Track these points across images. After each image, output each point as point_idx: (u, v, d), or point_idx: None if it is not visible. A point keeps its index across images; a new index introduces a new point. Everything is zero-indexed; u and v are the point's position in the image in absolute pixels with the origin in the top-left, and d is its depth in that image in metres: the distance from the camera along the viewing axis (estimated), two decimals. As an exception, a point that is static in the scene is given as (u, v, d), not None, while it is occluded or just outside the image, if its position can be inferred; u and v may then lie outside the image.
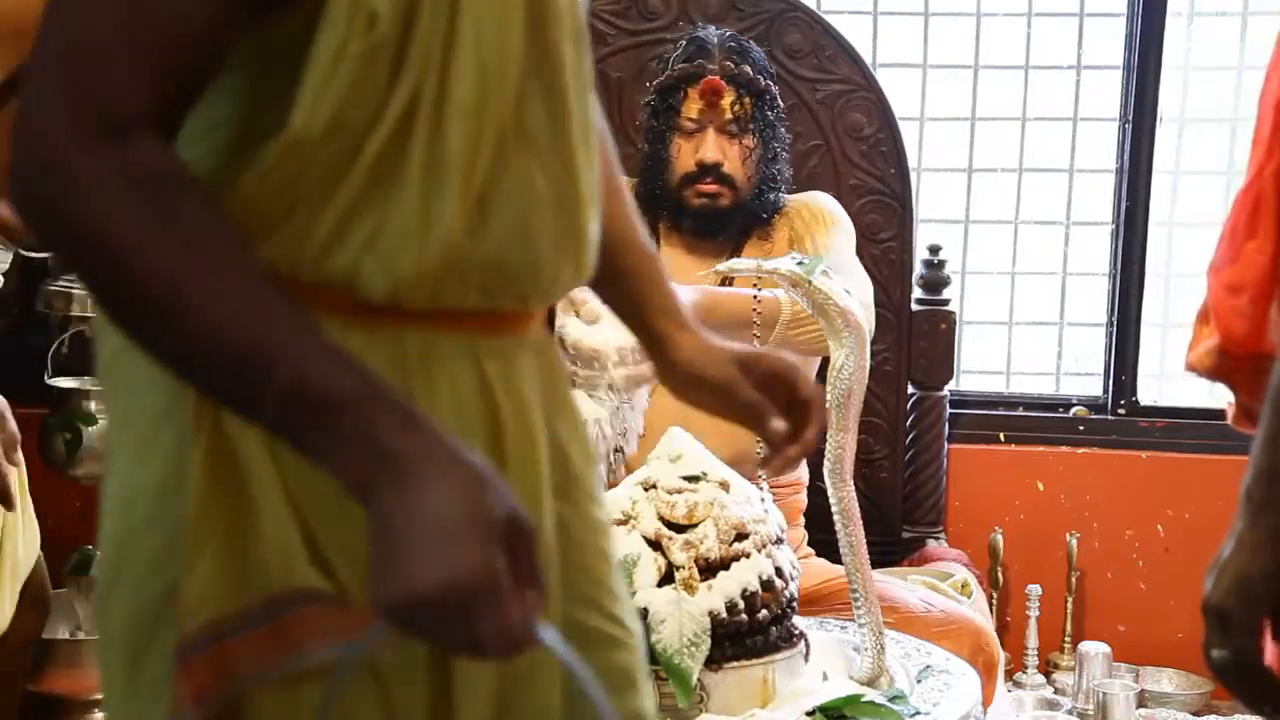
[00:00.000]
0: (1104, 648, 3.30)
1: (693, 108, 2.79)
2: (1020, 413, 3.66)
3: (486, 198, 1.08)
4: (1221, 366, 1.57)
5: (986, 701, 2.38)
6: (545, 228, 1.12)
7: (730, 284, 2.64)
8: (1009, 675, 3.33)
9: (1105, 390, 3.67)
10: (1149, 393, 3.70)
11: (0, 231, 2.35)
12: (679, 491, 2.08)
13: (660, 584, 2.01)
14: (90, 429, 3.16)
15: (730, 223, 2.83)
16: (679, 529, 2.05)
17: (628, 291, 1.39)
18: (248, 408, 0.96)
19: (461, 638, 0.91)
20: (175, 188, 0.94)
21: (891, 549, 3.34)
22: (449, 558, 0.90)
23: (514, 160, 1.09)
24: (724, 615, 2.01)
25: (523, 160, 1.10)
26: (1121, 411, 3.63)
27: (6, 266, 2.46)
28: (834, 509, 2.13)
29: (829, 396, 2.08)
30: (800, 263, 2.05)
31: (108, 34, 0.93)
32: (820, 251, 2.78)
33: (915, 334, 3.38)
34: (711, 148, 2.78)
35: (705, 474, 2.11)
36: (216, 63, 1.01)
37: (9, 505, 2.18)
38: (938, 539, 3.42)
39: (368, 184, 1.03)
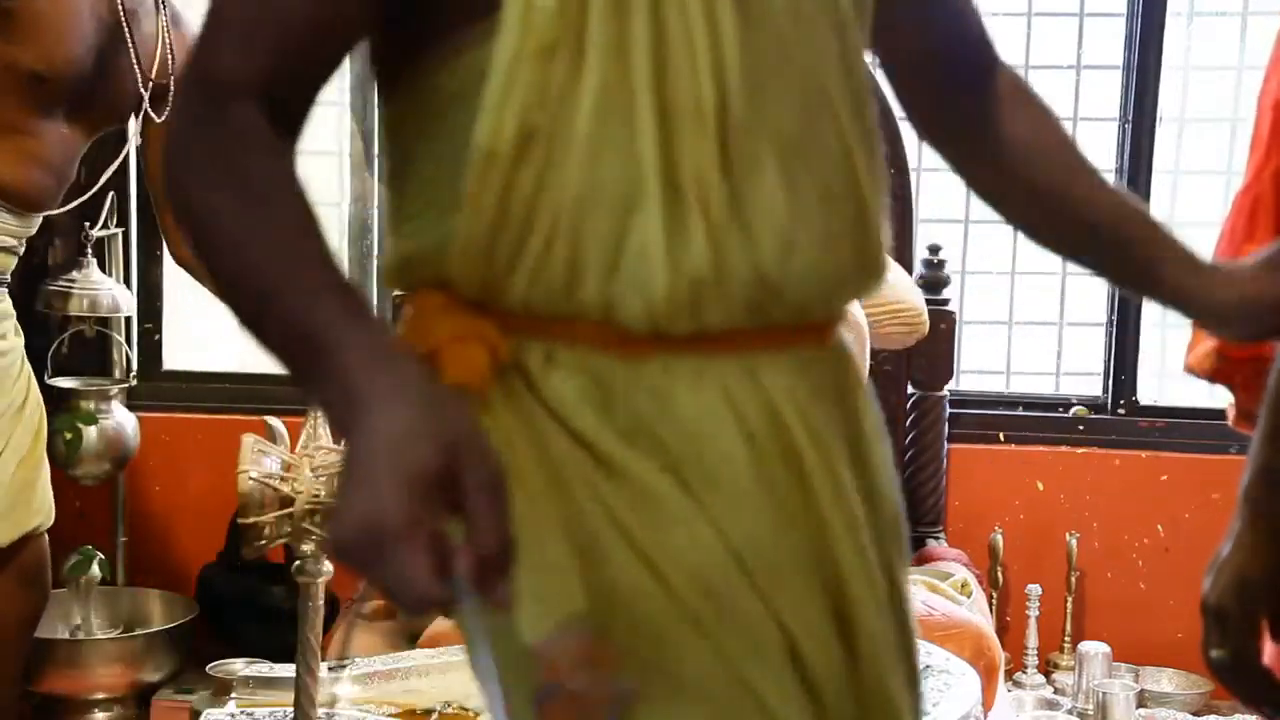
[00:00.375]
0: (1104, 648, 3.30)
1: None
2: (1020, 412, 3.66)
3: (739, 204, 1.01)
4: (1221, 369, 1.57)
5: (987, 705, 2.38)
6: (815, 233, 1.04)
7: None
8: (1009, 675, 3.33)
9: (1105, 390, 3.67)
10: (1149, 393, 3.70)
11: (3, 197, 2.33)
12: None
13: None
14: (90, 429, 3.16)
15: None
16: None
17: (1129, 265, 1.28)
18: (267, 348, 0.97)
19: (378, 584, 0.87)
20: (248, 145, 0.98)
21: (891, 549, 3.34)
22: (361, 501, 0.86)
23: (767, 161, 1.02)
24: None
25: (778, 160, 1.02)
26: (1121, 411, 3.63)
27: (33, 231, 2.44)
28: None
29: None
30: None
31: (231, 10, 1.02)
32: None
33: (915, 334, 3.38)
34: None
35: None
36: (335, 52, 1.04)
37: None
38: (938, 539, 3.42)
39: (585, 197, 0.99)
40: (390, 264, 1.08)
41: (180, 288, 3.60)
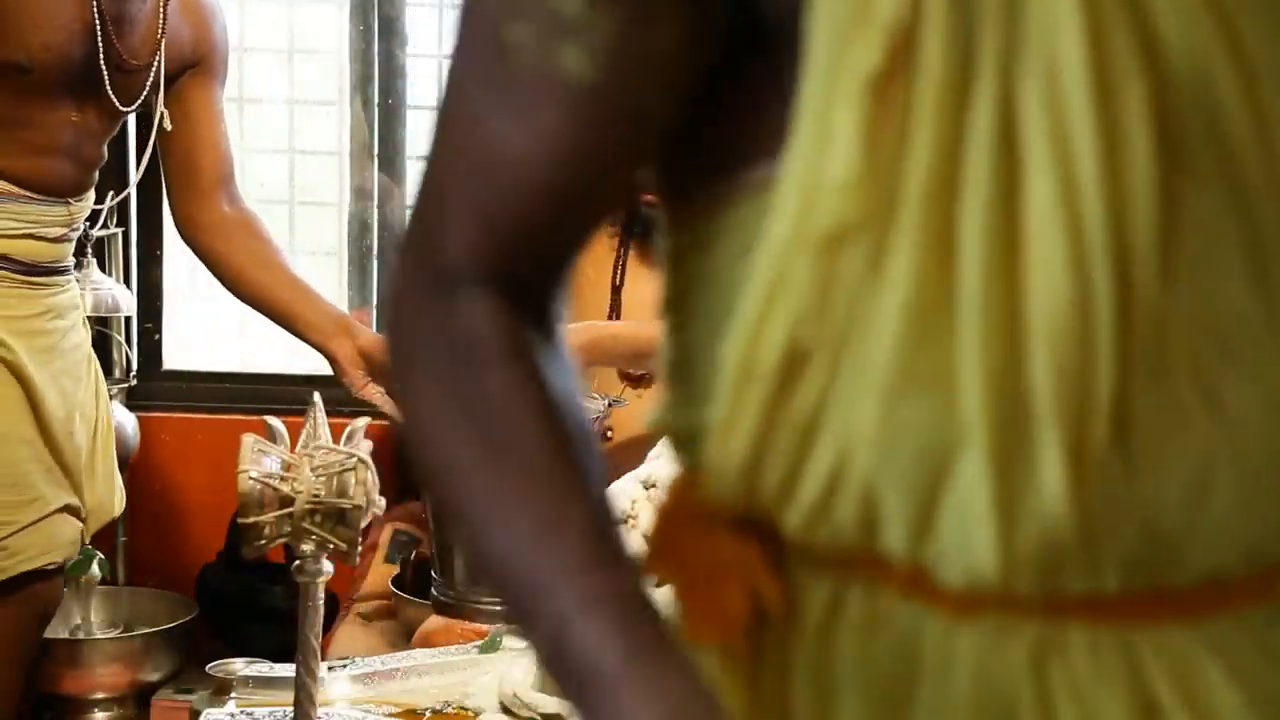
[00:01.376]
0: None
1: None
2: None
3: (1126, 437, 0.69)
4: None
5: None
6: (1246, 463, 0.71)
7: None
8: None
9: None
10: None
11: (12, 182, 2.32)
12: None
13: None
14: (91, 429, 3.16)
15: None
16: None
17: None
18: (530, 644, 0.79)
19: None
20: (481, 358, 0.79)
21: (891, 549, 3.33)
22: None
23: (1182, 368, 0.69)
24: (723, 616, 2.00)
25: (1195, 364, 0.69)
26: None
27: (78, 215, 2.43)
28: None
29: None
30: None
31: (444, 180, 0.82)
32: None
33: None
34: None
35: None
36: (583, 221, 0.83)
37: None
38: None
39: (882, 438, 0.71)
40: (655, 418, 0.85)
41: (180, 288, 3.60)
